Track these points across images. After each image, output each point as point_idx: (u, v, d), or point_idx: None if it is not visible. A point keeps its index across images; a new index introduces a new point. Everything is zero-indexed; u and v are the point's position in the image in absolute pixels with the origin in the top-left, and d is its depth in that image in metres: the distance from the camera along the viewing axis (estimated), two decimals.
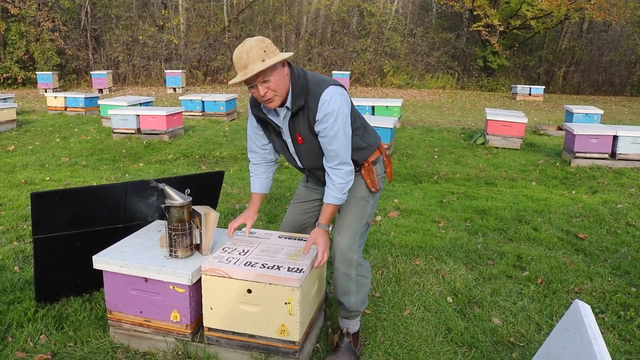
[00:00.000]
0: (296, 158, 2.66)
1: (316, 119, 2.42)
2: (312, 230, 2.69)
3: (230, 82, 2.41)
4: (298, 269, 2.47)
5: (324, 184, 2.66)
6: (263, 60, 2.27)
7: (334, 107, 2.39)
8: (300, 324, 2.47)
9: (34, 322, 2.93)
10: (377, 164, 2.71)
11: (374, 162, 2.69)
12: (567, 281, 3.67)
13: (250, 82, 2.32)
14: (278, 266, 2.49)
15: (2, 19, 19.88)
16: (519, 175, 7.19)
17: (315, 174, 2.74)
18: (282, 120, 2.52)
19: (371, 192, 2.69)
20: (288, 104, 2.44)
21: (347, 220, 2.65)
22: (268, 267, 2.48)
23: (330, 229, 2.65)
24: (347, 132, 2.46)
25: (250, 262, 2.53)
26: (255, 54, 2.27)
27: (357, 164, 2.63)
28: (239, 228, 2.88)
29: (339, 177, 2.50)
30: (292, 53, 2.48)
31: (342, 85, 2.51)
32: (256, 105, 2.56)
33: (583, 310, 1.72)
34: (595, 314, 3.15)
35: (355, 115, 2.61)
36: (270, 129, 2.63)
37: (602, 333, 2.46)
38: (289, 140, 2.59)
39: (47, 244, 2.94)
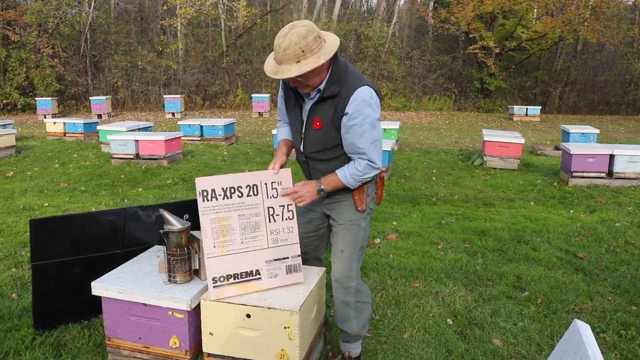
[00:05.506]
0: (302, 139, 2.56)
1: (345, 112, 2.34)
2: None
3: (265, 70, 2.31)
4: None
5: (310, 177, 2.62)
6: (298, 61, 2.18)
7: (366, 105, 2.33)
8: (300, 349, 2.46)
9: (32, 349, 2.91)
10: (368, 182, 2.62)
11: None
12: (567, 301, 3.66)
13: None
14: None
15: (2, 45, 20.09)
16: (517, 195, 7.21)
17: (310, 164, 2.61)
18: (308, 99, 2.45)
19: (359, 212, 2.59)
20: (321, 86, 2.37)
21: (341, 247, 2.61)
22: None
23: (321, 186, 2.50)
24: (374, 132, 2.38)
25: None
26: (291, 52, 2.17)
27: None
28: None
29: (356, 168, 2.43)
30: (336, 45, 2.27)
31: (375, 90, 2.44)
32: None
33: (582, 330, 1.72)
34: (596, 334, 3.13)
35: None
36: (292, 100, 2.55)
37: (603, 353, 2.44)
38: (305, 120, 2.51)
39: (45, 271, 2.94)
